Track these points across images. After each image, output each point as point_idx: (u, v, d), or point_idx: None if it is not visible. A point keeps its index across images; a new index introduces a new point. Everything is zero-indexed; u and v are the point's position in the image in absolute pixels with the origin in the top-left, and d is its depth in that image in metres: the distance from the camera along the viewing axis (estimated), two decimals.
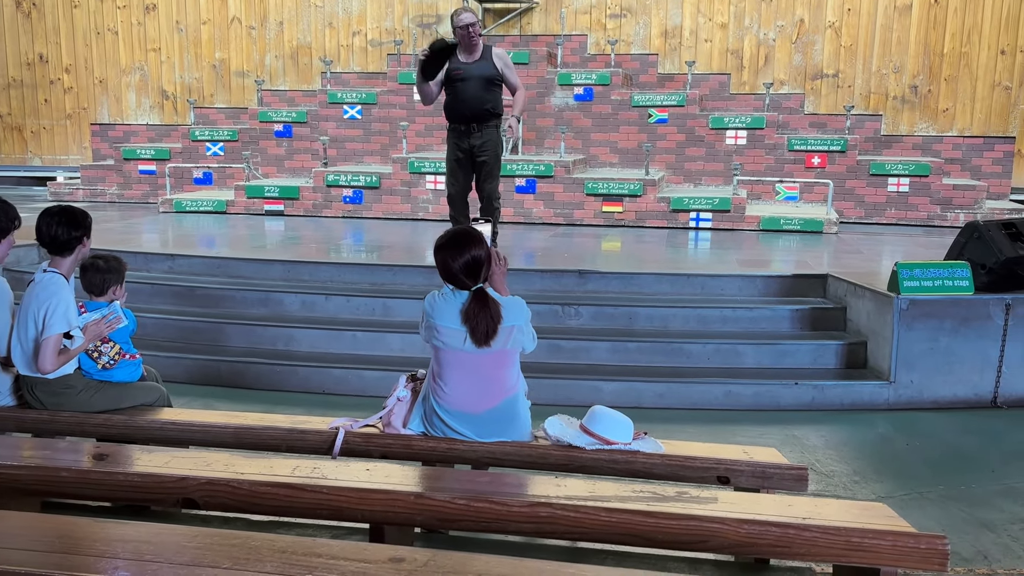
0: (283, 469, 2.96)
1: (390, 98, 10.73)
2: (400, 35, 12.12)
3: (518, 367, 3.52)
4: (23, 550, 2.22)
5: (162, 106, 13.09)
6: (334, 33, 12.49)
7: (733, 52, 11.58)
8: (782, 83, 11.39)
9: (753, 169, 10.00)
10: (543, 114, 10.36)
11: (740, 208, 9.01)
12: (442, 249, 3.39)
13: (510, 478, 3.07)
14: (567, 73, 10.38)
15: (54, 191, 11.56)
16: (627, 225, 9.22)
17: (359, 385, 5.47)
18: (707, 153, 10.15)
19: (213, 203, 9.99)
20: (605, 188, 9.23)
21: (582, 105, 10.34)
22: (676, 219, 9.14)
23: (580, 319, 5.91)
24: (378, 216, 9.72)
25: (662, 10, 11.69)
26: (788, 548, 2.54)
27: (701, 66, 11.38)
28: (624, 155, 10.29)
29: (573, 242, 8.15)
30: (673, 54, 11.69)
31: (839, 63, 11.36)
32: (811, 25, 11.36)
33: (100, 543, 2.25)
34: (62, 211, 3.78)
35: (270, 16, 12.61)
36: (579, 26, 11.82)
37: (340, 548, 2.21)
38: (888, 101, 11.31)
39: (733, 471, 3.28)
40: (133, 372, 3.96)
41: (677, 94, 10.24)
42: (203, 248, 7.69)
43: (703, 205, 9.08)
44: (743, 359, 5.58)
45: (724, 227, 9.00)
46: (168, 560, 2.13)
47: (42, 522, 2.51)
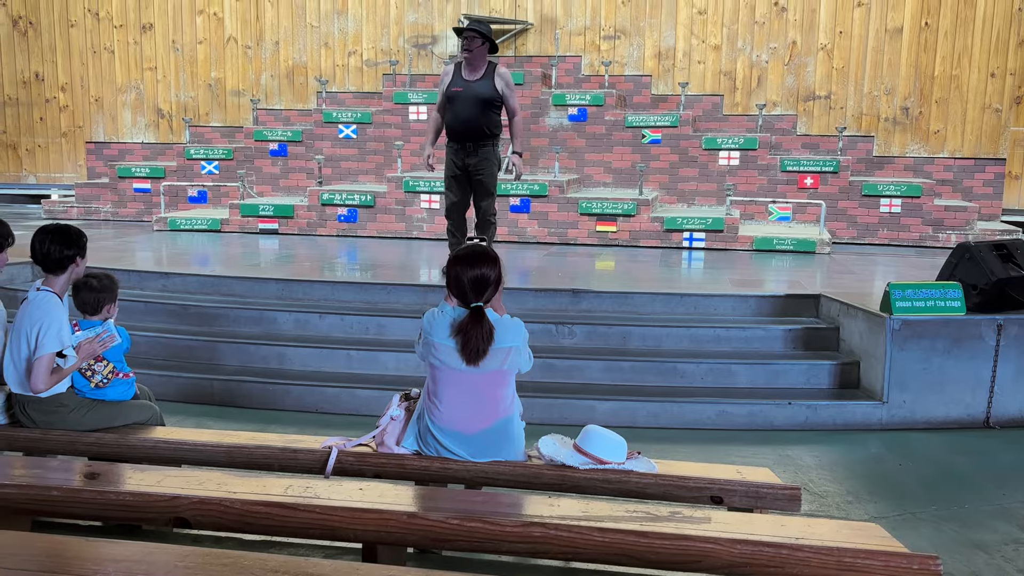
0: (276, 488, 2.95)
1: (385, 117, 10.77)
2: (396, 55, 12.19)
3: (513, 388, 3.53)
4: (13, 569, 2.21)
5: (157, 125, 13.11)
6: (330, 53, 12.55)
7: (726, 73, 11.67)
8: (775, 104, 11.48)
9: (746, 189, 10.05)
10: (537, 134, 10.41)
11: (733, 228, 9.05)
12: (458, 261, 3.41)
13: (504, 498, 3.07)
14: (561, 94, 10.44)
15: (48, 209, 11.55)
16: (621, 244, 9.25)
17: (352, 404, 5.46)
18: (700, 173, 10.21)
19: (208, 221, 9.99)
20: (599, 208, 9.27)
21: (576, 125, 10.40)
22: (670, 239, 9.18)
23: (574, 338, 5.92)
24: (373, 235, 9.74)
25: (655, 32, 11.78)
26: (781, 568, 2.54)
27: (694, 87, 11.46)
28: (618, 175, 10.34)
29: (567, 261, 8.18)
30: (667, 75, 11.77)
31: (831, 85, 11.45)
32: (803, 47, 11.47)
33: (91, 562, 2.24)
34: (56, 230, 3.78)
35: (266, 36, 12.68)
36: (573, 47, 11.90)
37: (333, 568, 2.20)
38: (880, 123, 11.40)
39: (726, 491, 3.28)
40: (126, 391, 3.95)
41: (670, 115, 10.31)
42: (197, 266, 7.69)
43: (696, 225, 9.12)
44: (736, 379, 5.58)
45: (717, 247, 9.04)
46: None
47: (33, 541, 2.49)
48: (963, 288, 5.32)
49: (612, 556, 2.68)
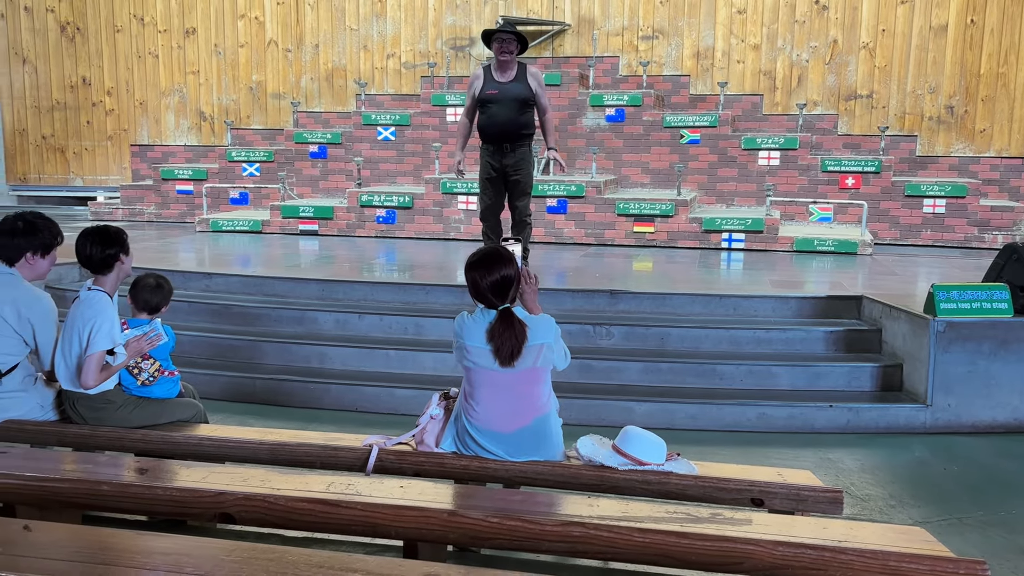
0: (318, 485, 2.99)
1: (423, 119, 10.84)
2: (433, 57, 12.26)
3: (549, 385, 3.53)
4: (67, 561, 2.27)
5: (200, 127, 13.32)
6: (368, 56, 12.66)
7: (766, 73, 11.57)
8: (815, 104, 11.35)
9: (786, 190, 9.96)
10: (575, 135, 10.40)
11: (773, 229, 8.97)
12: (473, 268, 3.42)
13: (542, 497, 3.07)
14: (599, 94, 10.42)
15: (95, 211, 11.80)
16: (659, 245, 9.21)
17: (391, 403, 5.51)
18: (740, 174, 10.13)
19: (249, 223, 10.13)
20: (637, 208, 9.24)
21: (614, 126, 10.38)
22: (708, 240, 9.12)
23: (611, 339, 5.90)
24: (410, 236, 9.81)
25: (694, 32, 11.71)
26: (824, 571, 2.52)
27: (733, 87, 11.37)
28: (656, 176, 10.30)
29: (604, 262, 8.16)
30: (705, 75, 11.70)
31: (873, 84, 11.29)
32: (845, 46, 11.32)
33: (140, 555, 2.29)
34: (96, 231, 3.87)
35: (306, 39, 12.82)
36: (611, 48, 11.88)
37: (376, 564, 2.23)
38: (924, 122, 11.22)
39: (767, 493, 3.25)
40: (171, 388, 4.02)
41: (709, 115, 10.24)
42: (239, 267, 7.80)
43: (736, 226, 9.05)
44: (777, 381, 5.53)
45: (757, 248, 8.96)
46: (207, 573, 2.16)
47: (84, 534, 2.56)
48: (1010, 289, 5.22)
49: (652, 557, 2.67)
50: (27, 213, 3.94)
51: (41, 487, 3.08)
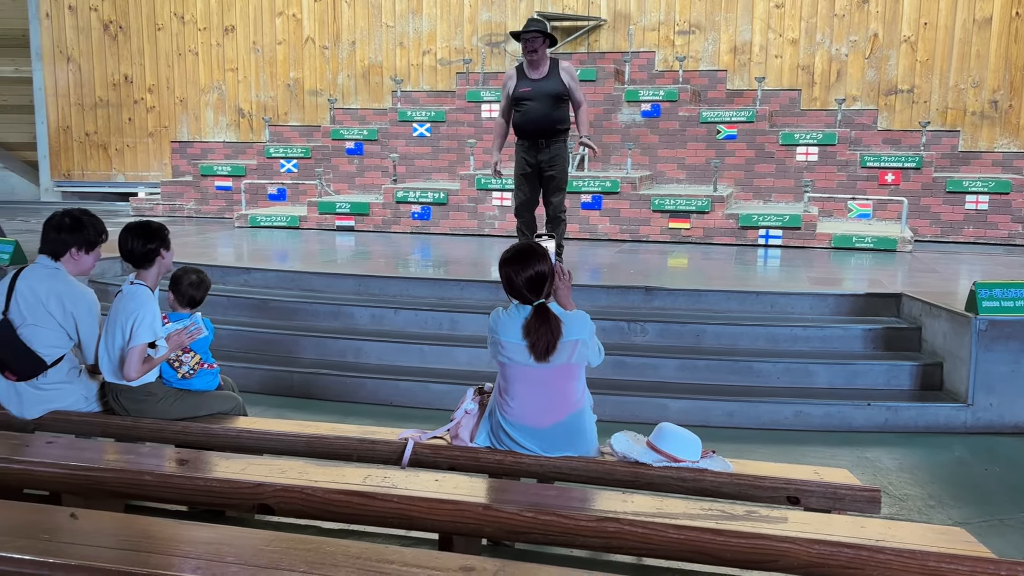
0: (355, 478, 3.03)
1: (458, 116, 10.87)
2: (469, 54, 12.29)
3: (583, 381, 3.53)
4: (111, 548, 2.33)
5: (238, 124, 13.49)
6: (404, 52, 12.73)
7: (804, 68, 11.43)
8: (855, 99, 11.20)
9: (824, 186, 9.84)
10: (610, 131, 10.37)
11: (811, 225, 8.87)
12: (507, 264, 3.43)
13: (577, 492, 3.08)
14: (634, 90, 10.38)
15: (136, 206, 12.01)
16: (694, 242, 9.15)
17: (426, 398, 5.54)
18: (777, 170, 10.03)
19: (287, 218, 10.24)
20: (672, 204, 9.19)
21: (649, 121, 10.33)
22: (745, 236, 9.04)
23: (646, 336, 5.89)
24: (445, 232, 9.85)
25: (731, 26, 11.61)
26: (861, 570, 2.50)
27: (771, 82, 11.25)
28: (692, 171, 10.23)
29: (639, 258, 8.13)
30: (742, 70, 11.60)
31: (915, 78, 11.11)
32: (885, 40, 11.15)
33: (183, 544, 2.34)
34: (137, 226, 3.94)
35: (343, 36, 12.92)
36: (647, 43, 11.82)
37: (412, 555, 2.25)
38: (966, 117, 11.01)
39: (803, 491, 3.22)
40: (211, 381, 4.09)
41: (746, 110, 10.15)
42: (277, 262, 7.89)
43: (773, 222, 8.97)
44: (814, 379, 5.48)
45: (794, 244, 8.87)
46: (247, 562, 2.20)
47: (127, 522, 2.61)
48: None
49: (686, 553, 2.67)
50: (74, 210, 4.03)
51: (86, 476, 3.15)
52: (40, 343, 3.86)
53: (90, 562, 2.22)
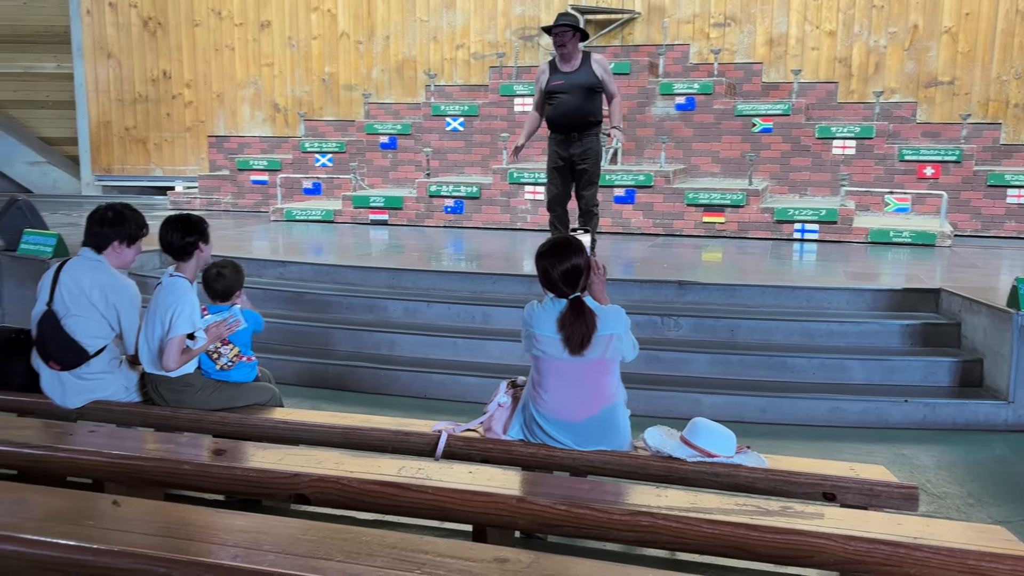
0: (390, 469, 3.05)
1: (491, 110, 10.88)
2: (502, 47, 12.29)
3: (618, 376, 3.53)
4: (152, 535, 2.37)
5: (274, 119, 13.62)
6: (438, 47, 12.76)
7: (841, 60, 11.28)
8: (893, 91, 11.02)
9: (862, 180, 9.71)
10: (643, 124, 10.31)
11: (847, 220, 8.76)
12: (543, 256, 3.44)
13: (610, 486, 3.08)
14: (669, 83, 10.31)
15: (174, 200, 12.17)
16: (729, 236, 9.08)
17: (458, 391, 5.57)
18: (813, 163, 9.91)
19: (321, 212, 10.33)
20: (706, 198, 9.13)
21: (683, 115, 10.25)
22: (780, 230, 8.96)
23: (680, 330, 5.86)
24: (477, 226, 9.87)
25: (767, 18, 11.48)
26: (898, 568, 2.47)
27: (808, 74, 11.12)
28: (726, 165, 10.15)
29: (673, 253, 8.09)
30: (778, 62, 11.47)
31: (955, 70, 10.91)
32: (925, 31, 10.97)
33: (222, 532, 2.38)
34: (177, 219, 4.01)
35: (377, 31, 12.98)
36: (682, 35, 11.73)
37: (447, 546, 2.27)
38: (1009, 109, 10.79)
39: (839, 488, 3.20)
40: (248, 373, 4.14)
41: (782, 103, 10.04)
42: (312, 255, 7.97)
43: (809, 216, 8.87)
44: (850, 375, 5.42)
45: (830, 239, 8.77)
46: (285, 551, 2.23)
47: (168, 510, 2.66)
48: None
49: (721, 548, 2.66)
50: (116, 204, 4.10)
51: (127, 465, 3.22)
52: (83, 334, 3.94)
53: (133, 548, 2.26)
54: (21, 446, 3.38)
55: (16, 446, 3.38)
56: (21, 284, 7.15)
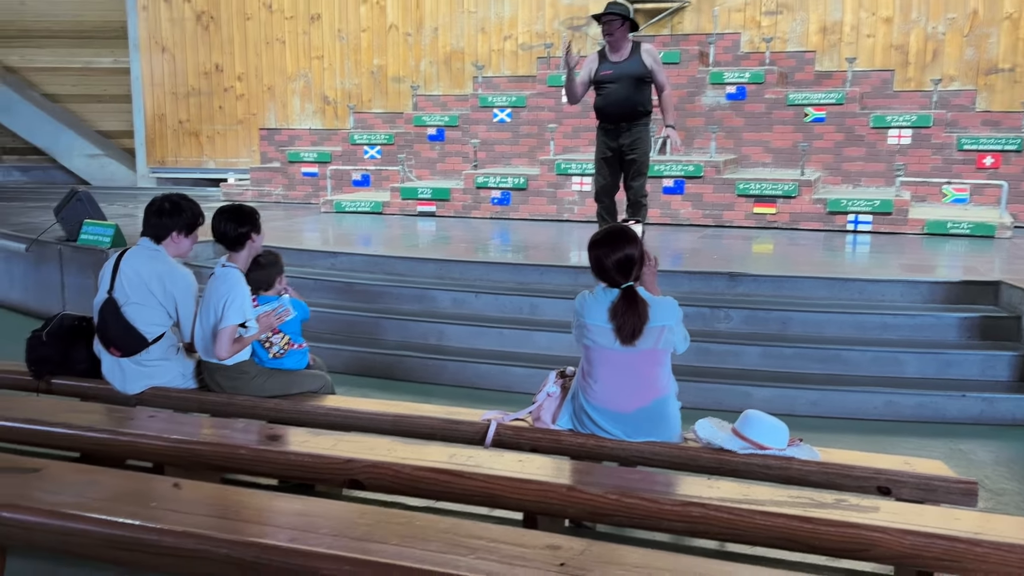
0: (441, 456, 3.09)
1: (539, 100, 10.86)
2: (550, 38, 12.25)
3: (669, 368, 3.52)
4: (212, 517, 2.43)
5: (324, 111, 13.76)
6: (486, 38, 12.77)
7: (898, 47, 11.03)
8: (951, 79, 10.75)
9: (918, 170, 9.49)
10: (693, 114, 10.21)
11: (903, 210, 8.58)
12: (596, 246, 3.44)
13: (661, 477, 3.08)
14: (719, 72, 10.19)
15: (226, 192, 12.38)
16: (780, 227, 8.96)
17: (506, 381, 5.59)
18: (867, 153, 9.72)
19: (370, 204, 10.42)
20: (757, 189, 9.01)
21: (734, 104, 10.13)
22: (833, 221, 8.80)
23: (730, 322, 5.81)
24: (524, 217, 9.87)
25: (821, 5, 11.27)
26: (956, 563, 2.43)
27: (862, 63, 10.89)
28: (778, 155, 10.00)
29: (723, 244, 8.01)
30: (832, 51, 11.25)
31: (1016, 56, 10.59)
32: (986, 17, 10.66)
33: (279, 515, 2.43)
34: (230, 209, 4.09)
35: (425, 23, 13.03)
36: (732, 24, 11.57)
37: (500, 532, 2.30)
38: None
39: (895, 482, 3.15)
40: (300, 360, 4.22)
41: (836, 92, 9.86)
42: (361, 246, 8.05)
43: (862, 207, 8.70)
44: (904, 368, 5.32)
45: (885, 230, 8.60)
46: (341, 534, 2.28)
47: (226, 493, 2.73)
48: None
49: (773, 540, 2.65)
50: (173, 195, 4.20)
51: (186, 449, 3.30)
52: (142, 321, 4.05)
53: (194, 529, 2.32)
54: (85, 430, 3.49)
55: (80, 430, 3.49)
56: (81, 273, 7.36)
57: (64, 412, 3.68)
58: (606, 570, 2.10)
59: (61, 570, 3.15)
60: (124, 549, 2.35)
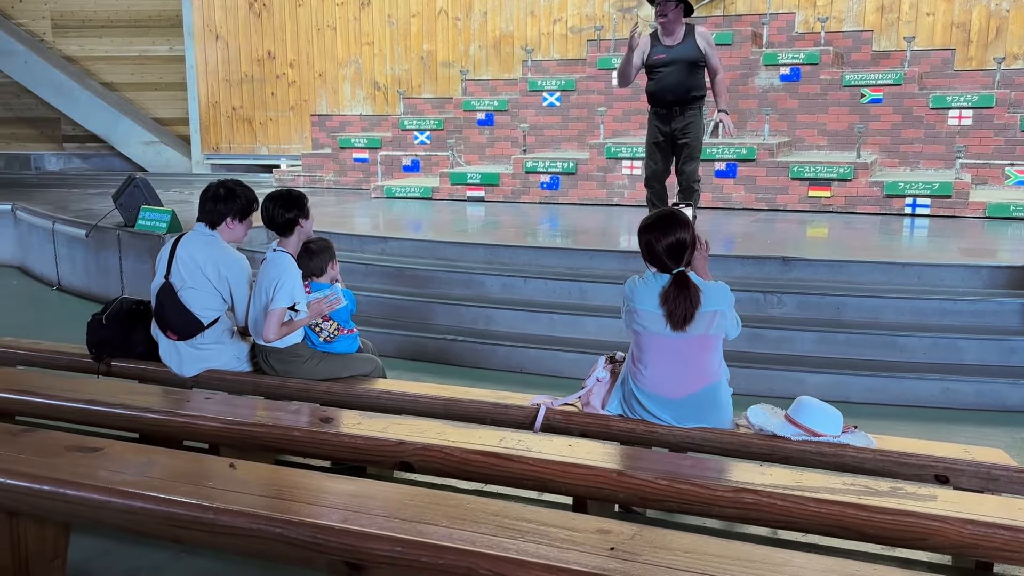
0: (491, 439, 3.10)
1: (589, 84, 10.79)
2: (600, 20, 12.14)
3: (720, 353, 3.48)
4: (267, 497, 2.48)
5: (374, 97, 13.84)
6: (535, 21, 12.70)
7: (959, 25, 10.70)
8: (1015, 57, 10.40)
9: (979, 151, 9.22)
10: (746, 96, 10.04)
11: (963, 193, 8.35)
12: (648, 230, 3.40)
13: (712, 463, 3.05)
14: (773, 53, 10.00)
15: (279, 178, 12.54)
16: (835, 211, 8.79)
17: (555, 366, 5.59)
18: (926, 135, 9.47)
19: (420, 189, 10.47)
20: (812, 172, 8.84)
21: (788, 86, 9.94)
22: (890, 205, 8.61)
23: (783, 308, 5.72)
24: (573, 202, 9.82)
25: None
26: (1019, 553, 2.37)
27: (922, 41, 10.59)
28: (833, 137, 9.80)
29: (776, 228, 7.89)
30: (890, 30, 10.97)
31: None
32: None
33: (332, 495, 2.47)
34: (280, 195, 4.14)
35: (475, 7, 13.01)
36: (786, 4, 11.33)
37: (549, 516, 2.30)
38: None
39: (953, 470, 3.08)
40: (351, 344, 4.26)
41: (894, 72, 9.61)
42: (411, 232, 8.10)
43: (921, 190, 8.49)
44: (963, 355, 5.20)
45: (944, 214, 8.38)
46: (392, 515, 2.30)
47: (281, 474, 2.78)
48: None
49: (827, 527, 2.61)
50: (228, 181, 4.27)
51: (241, 431, 3.36)
52: (198, 305, 4.13)
53: (249, 508, 2.37)
54: (143, 411, 3.58)
55: (139, 411, 3.58)
56: (139, 258, 7.54)
57: (123, 394, 3.77)
58: (656, 555, 2.09)
59: (121, 547, 3.25)
60: (182, 527, 2.41)
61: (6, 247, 10.10)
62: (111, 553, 3.22)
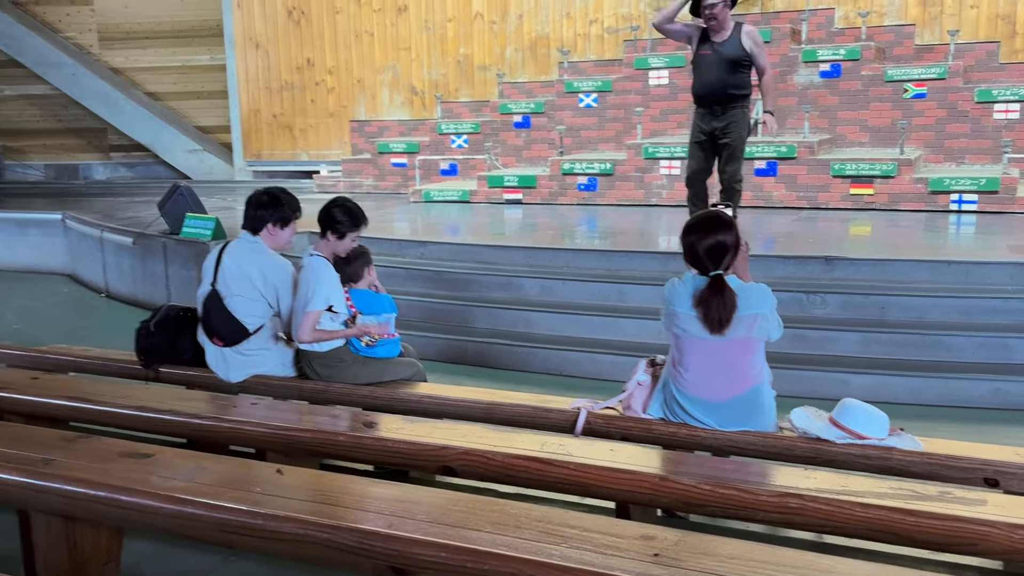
0: (532, 444, 3.11)
1: (625, 84, 10.75)
2: (636, 20, 12.09)
3: (763, 356, 3.45)
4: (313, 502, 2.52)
5: (411, 102, 13.94)
6: (571, 23, 12.69)
7: (1004, 17, 10.48)
8: None
9: None
10: (785, 93, 9.93)
11: (1010, 189, 8.18)
12: (690, 231, 3.39)
13: (755, 467, 3.03)
14: (812, 49, 9.89)
15: (319, 184, 12.69)
16: (878, 209, 8.66)
17: (594, 369, 5.59)
18: (972, 130, 9.29)
19: (458, 193, 10.52)
20: (854, 169, 8.72)
21: (828, 82, 9.81)
22: (935, 202, 8.46)
23: (826, 308, 5.66)
24: (611, 203, 9.80)
25: None
26: None
27: (966, 35, 10.39)
28: (875, 134, 9.66)
29: (818, 226, 7.80)
30: (933, 23, 10.77)
31: None
32: None
33: (377, 500, 2.50)
34: (342, 201, 4.24)
35: (510, 10, 13.04)
36: (825, 0, 11.19)
37: (592, 521, 2.31)
38: None
39: (1003, 473, 3.02)
40: (392, 349, 4.31)
41: (937, 66, 9.44)
42: (450, 235, 8.15)
43: (967, 186, 8.33)
44: (1013, 354, 5.10)
45: (991, 210, 8.21)
46: (436, 520, 2.33)
47: (326, 479, 2.82)
48: None
49: (873, 532, 2.58)
50: (272, 188, 4.34)
51: (287, 436, 3.42)
52: (244, 312, 4.20)
53: (296, 514, 2.41)
54: (191, 416, 3.65)
55: (187, 416, 3.65)
56: (184, 265, 7.68)
57: (171, 400, 3.85)
58: (700, 561, 2.09)
59: (172, 550, 3.32)
60: (232, 532, 2.46)
61: (57, 256, 10.35)
62: (162, 556, 3.30)
